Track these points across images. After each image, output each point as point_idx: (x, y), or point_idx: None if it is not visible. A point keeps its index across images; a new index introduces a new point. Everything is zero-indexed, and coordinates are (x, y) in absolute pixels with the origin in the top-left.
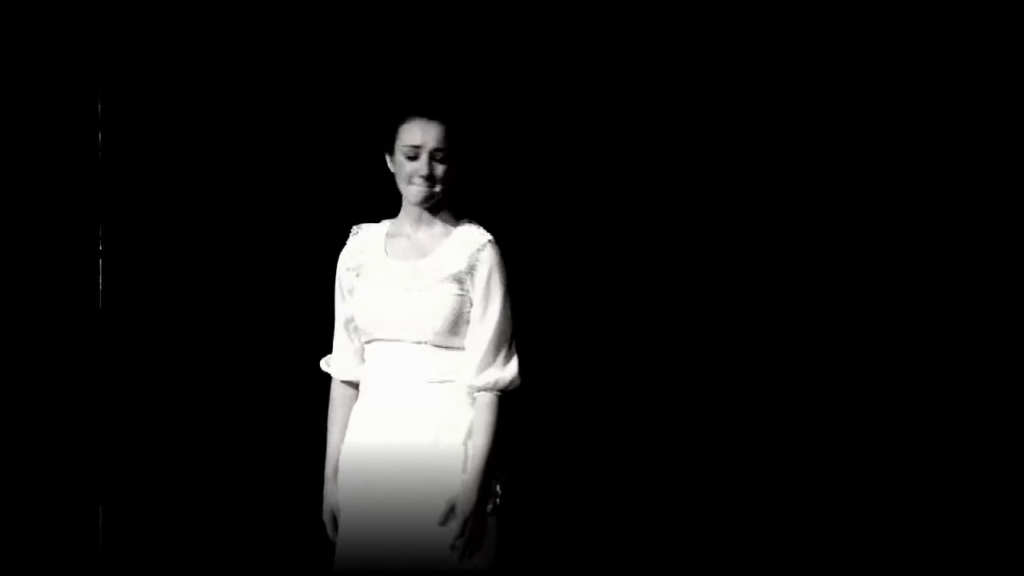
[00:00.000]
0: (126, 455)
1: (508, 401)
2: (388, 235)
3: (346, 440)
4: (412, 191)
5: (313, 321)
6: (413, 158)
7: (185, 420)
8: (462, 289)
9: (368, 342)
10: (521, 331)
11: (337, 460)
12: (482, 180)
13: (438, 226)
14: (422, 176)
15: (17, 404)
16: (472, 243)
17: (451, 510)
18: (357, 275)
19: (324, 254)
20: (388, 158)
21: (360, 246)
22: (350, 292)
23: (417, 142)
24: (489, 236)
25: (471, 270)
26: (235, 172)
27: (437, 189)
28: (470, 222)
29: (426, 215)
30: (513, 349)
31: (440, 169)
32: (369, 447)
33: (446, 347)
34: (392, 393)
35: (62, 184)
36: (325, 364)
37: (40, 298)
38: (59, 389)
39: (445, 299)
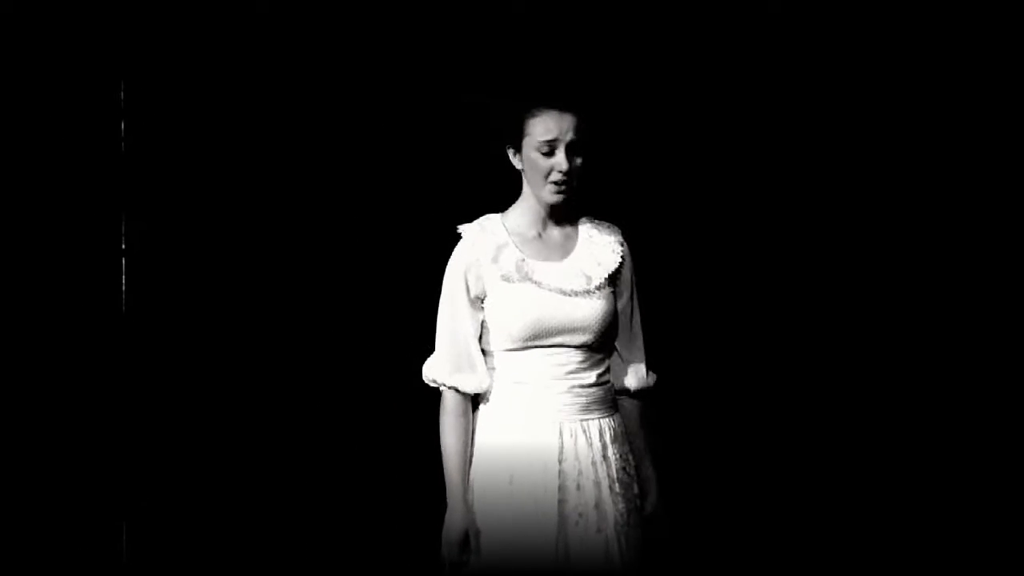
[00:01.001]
0: (147, 460)
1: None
2: (511, 233)
3: (491, 455)
4: (549, 189)
5: (345, 320)
6: (548, 153)
7: (204, 422)
8: (613, 288)
9: (520, 349)
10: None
11: (466, 477)
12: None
13: (567, 224)
14: (561, 172)
15: (34, 405)
16: (614, 241)
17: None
18: (505, 279)
19: (355, 252)
20: (512, 154)
21: (490, 246)
22: (478, 299)
23: (553, 135)
24: (620, 232)
25: (620, 268)
26: (267, 167)
27: (572, 186)
28: (591, 218)
29: (554, 213)
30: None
31: (578, 162)
32: (530, 464)
33: (603, 350)
34: (550, 401)
35: (84, 179)
36: (444, 375)
37: (61, 297)
38: (81, 391)
39: (610, 299)
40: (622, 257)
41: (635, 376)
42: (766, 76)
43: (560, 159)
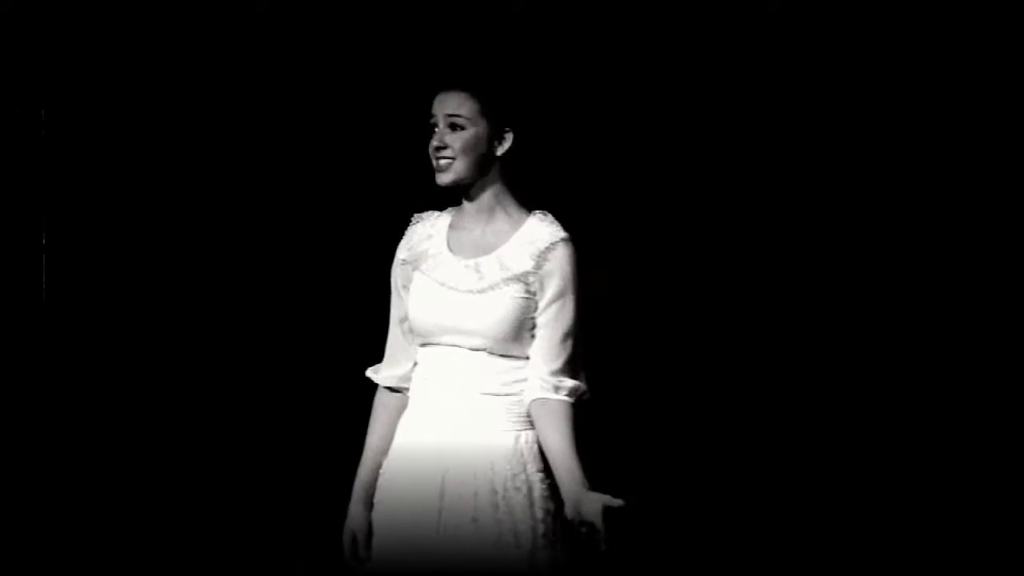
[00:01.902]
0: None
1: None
2: (451, 227)
3: (389, 457)
4: (434, 168)
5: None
6: (432, 134)
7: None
8: (528, 292)
9: (422, 345)
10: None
11: (372, 478)
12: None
13: (504, 220)
14: (434, 147)
15: None
16: (542, 240)
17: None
18: (414, 269)
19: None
20: None
21: (420, 237)
22: (405, 288)
23: (433, 112)
24: (563, 233)
25: (539, 270)
26: (192, 158)
27: (453, 162)
28: (543, 216)
29: (491, 207)
30: (583, 358)
31: (451, 137)
32: (415, 469)
33: (506, 356)
34: (443, 406)
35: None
36: (374, 370)
37: None
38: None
39: (508, 302)
40: (538, 260)
41: (548, 386)
42: (716, 66)
43: (435, 134)
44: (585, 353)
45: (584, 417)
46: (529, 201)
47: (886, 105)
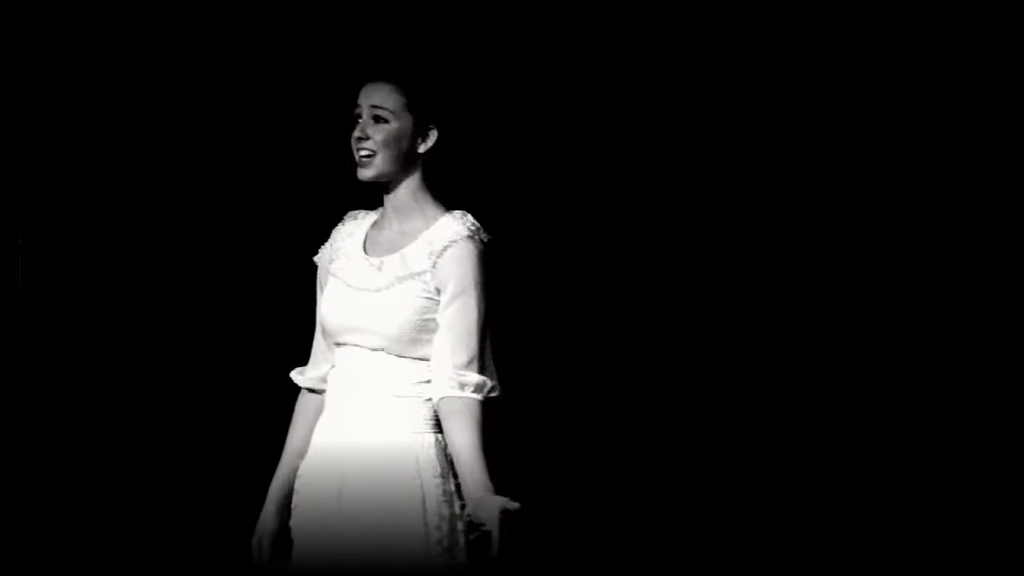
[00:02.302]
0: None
1: (489, 411)
2: (373, 226)
3: (304, 459)
4: (356, 162)
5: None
6: (354, 127)
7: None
8: (427, 291)
9: (336, 345)
10: (509, 337)
11: (286, 481)
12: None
13: (419, 219)
14: (355, 137)
15: None
16: (442, 239)
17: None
18: (328, 271)
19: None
20: None
21: (342, 236)
22: (323, 288)
23: (359, 102)
24: (467, 231)
25: (435, 269)
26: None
27: (374, 156)
28: (457, 215)
29: (408, 205)
30: (489, 355)
31: (374, 130)
32: (319, 473)
33: (407, 357)
34: (345, 408)
35: None
36: (298, 372)
37: None
38: None
39: (404, 301)
40: (435, 259)
41: (452, 383)
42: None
43: (358, 126)
44: (492, 350)
45: (501, 416)
46: (451, 201)
47: (879, 106)
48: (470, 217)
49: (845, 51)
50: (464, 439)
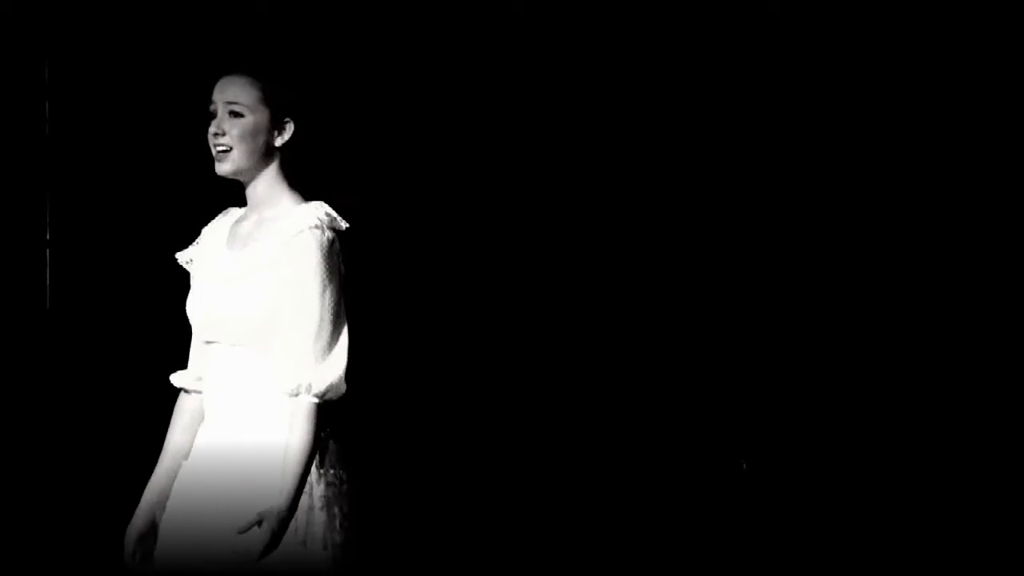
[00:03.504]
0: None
1: (327, 411)
2: (237, 221)
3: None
4: (213, 157)
5: None
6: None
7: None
8: (278, 282)
9: (207, 344)
10: (362, 333)
11: (162, 482)
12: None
13: (275, 210)
14: (211, 133)
15: None
16: (292, 227)
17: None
18: (188, 269)
19: None
20: None
21: (209, 232)
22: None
23: (213, 98)
24: (316, 221)
25: (280, 260)
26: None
27: (231, 151)
28: (311, 206)
29: (266, 198)
30: (336, 351)
31: (230, 125)
32: (188, 472)
33: (264, 351)
34: (212, 406)
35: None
36: (178, 374)
37: None
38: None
39: (253, 294)
40: (281, 250)
41: (286, 377)
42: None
43: (214, 122)
44: (342, 348)
45: (360, 408)
46: (311, 193)
47: (878, 106)
48: (325, 207)
49: (845, 51)
50: (289, 437)
